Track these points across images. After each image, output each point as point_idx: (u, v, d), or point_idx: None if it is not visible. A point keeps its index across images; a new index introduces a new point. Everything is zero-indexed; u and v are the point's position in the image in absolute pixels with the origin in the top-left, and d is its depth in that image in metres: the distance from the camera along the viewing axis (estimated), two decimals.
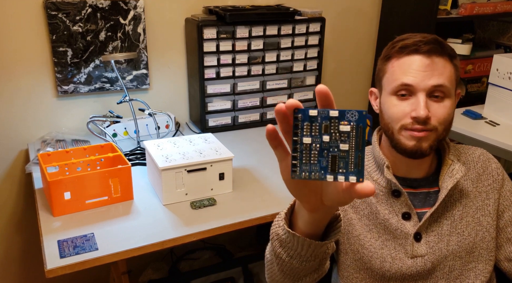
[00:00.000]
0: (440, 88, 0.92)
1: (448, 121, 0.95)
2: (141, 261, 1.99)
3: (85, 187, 1.27)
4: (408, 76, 0.92)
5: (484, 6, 2.17)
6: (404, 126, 0.93)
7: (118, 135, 1.79)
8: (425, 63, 0.92)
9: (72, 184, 1.24)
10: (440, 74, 0.92)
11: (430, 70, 0.92)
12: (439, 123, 0.93)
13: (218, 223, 1.25)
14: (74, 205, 1.26)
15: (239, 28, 1.83)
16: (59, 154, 1.41)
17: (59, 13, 1.66)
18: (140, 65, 1.86)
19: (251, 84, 1.95)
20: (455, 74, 0.96)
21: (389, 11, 2.28)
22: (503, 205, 1.01)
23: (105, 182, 1.29)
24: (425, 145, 0.93)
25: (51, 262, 1.07)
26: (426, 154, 0.94)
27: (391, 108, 0.95)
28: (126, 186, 1.34)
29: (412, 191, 1.00)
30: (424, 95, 0.91)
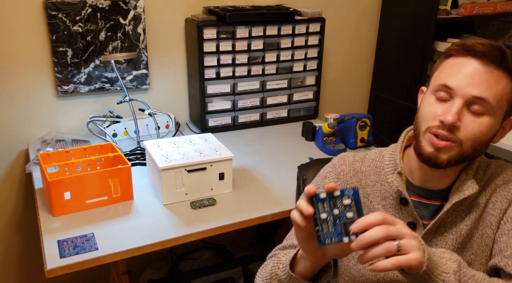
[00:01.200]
0: (481, 101, 0.83)
1: (479, 141, 0.85)
2: (141, 261, 1.99)
3: (85, 187, 1.26)
4: (452, 79, 0.85)
5: (484, 6, 2.17)
6: (430, 128, 0.86)
7: (118, 135, 1.79)
8: (476, 70, 0.83)
9: (72, 184, 1.24)
10: (488, 87, 0.82)
11: (478, 79, 0.83)
12: (466, 138, 0.84)
13: (218, 223, 1.25)
14: (74, 205, 1.26)
15: (239, 28, 1.83)
16: (59, 154, 1.41)
17: (59, 13, 1.66)
18: (140, 65, 1.86)
19: (251, 84, 1.95)
20: (510, 96, 0.85)
21: (389, 11, 2.28)
22: (505, 219, 0.90)
23: (105, 182, 1.29)
24: (444, 156, 0.86)
25: (51, 262, 1.07)
26: (442, 166, 0.87)
27: (426, 107, 0.89)
28: (126, 186, 1.33)
29: (424, 202, 0.95)
30: (462, 102, 0.83)
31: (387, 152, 1.01)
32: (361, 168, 1.02)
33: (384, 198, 0.97)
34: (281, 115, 2.07)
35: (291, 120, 2.09)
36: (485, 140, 0.87)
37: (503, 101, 0.84)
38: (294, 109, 2.08)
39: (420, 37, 2.10)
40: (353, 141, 1.74)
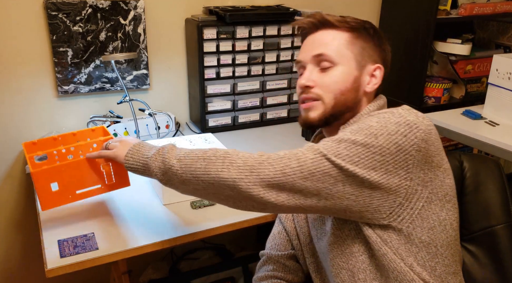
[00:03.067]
0: (321, 57, 0.96)
1: (337, 90, 0.95)
2: (142, 261, 2.00)
3: (74, 176, 1.14)
4: (300, 54, 1.01)
5: (483, 6, 2.17)
6: (299, 99, 1.00)
7: (118, 135, 1.80)
8: (310, 38, 1.00)
9: (58, 174, 1.11)
10: (322, 44, 0.97)
11: (312, 43, 0.99)
12: (323, 91, 0.96)
13: (218, 223, 1.25)
14: (63, 197, 1.14)
15: (239, 29, 1.83)
16: (46, 142, 1.29)
17: (60, 13, 1.66)
18: (140, 65, 1.86)
19: (251, 84, 1.95)
20: (353, 45, 0.97)
21: (389, 11, 2.28)
22: None
23: (96, 168, 1.15)
24: (313, 115, 0.97)
25: (51, 262, 1.07)
26: (315, 125, 0.97)
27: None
28: (120, 171, 1.20)
29: None
30: (312, 66, 0.98)
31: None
32: None
33: None
34: (281, 115, 2.07)
35: (291, 120, 2.09)
36: (345, 88, 0.96)
37: (343, 51, 0.96)
38: (294, 109, 2.09)
39: (419, 37, 2.10)
40: None
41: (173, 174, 0.92)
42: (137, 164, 1.00)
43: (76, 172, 1.14)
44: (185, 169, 0.90)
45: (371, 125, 0.85)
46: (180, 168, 0.90)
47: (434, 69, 2.34)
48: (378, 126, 0.84)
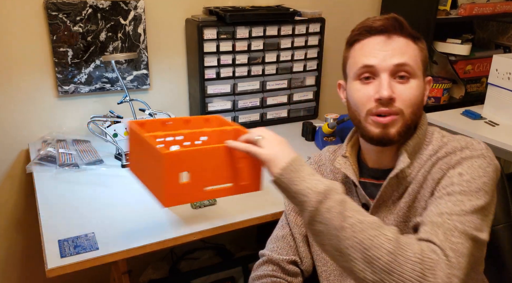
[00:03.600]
0: (403, 67, 0.87)
1: (416, 104, 0.89)
2: (142, 261, 2.00)
3: (208, 167, 0.90)
4: (368, 57, 0.89)
5: (483, 6, 2.17)
6: (370, 111, 0.89)
7: (118, 135, 1.80)
8: (385, 42, 0.89)
9: (191, 161, 0.87)
10: (402, 53, 0.88)
11: (391, 49, 0.88)
12: (405, 106, 0.88)
13: (218, 223, 1.25)
14: (190, 192, 0.89)
15: (239, 29, 1.83)
16: (154, 124, 1.04)
17: (60, 13, 1.66)
18: (140, 65, 1.86)
19: (251, 84, 1.95)
20: (421, 56, 0.91)
21: (389, 11, 2.27)
22: (440, 186, 0.87)
23: (231, 162, 0.92)
24: (393, 131, 0.88)
25: (52, 261, 1.07)
26: (395, 140, 0.89)
27: (355, 93, 0.91)
28: (255, 172, 0.95)
29: (375, 182, 0.97)
30: (387, 75, 0.87)
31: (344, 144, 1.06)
32: (330, 157, 1.09)
33: (345, 182, 1.02)
34: (281, 115, 2.07)
35: (291, 120, 2.09)
36: (419, 101, 0.91)
37: (418, 62, 0.90)
38: (294, 109, 2.09)
39: None
40: None
41: (336, 239, 0.76)
42: (289, 187, 0.82)
43: (211, 162, 0.90)
44: (358, 245, 0.75)
45: (483, 181, 0.83)
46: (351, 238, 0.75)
47: (434, 69, 2.34)
48: (487, 180, 0.84)
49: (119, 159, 1.62)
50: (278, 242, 1.11)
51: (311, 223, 0.79)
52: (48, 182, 1.45)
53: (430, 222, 0.79)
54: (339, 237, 0.75)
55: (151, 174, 0.90)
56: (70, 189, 1.41)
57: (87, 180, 1.48)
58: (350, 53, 0.95)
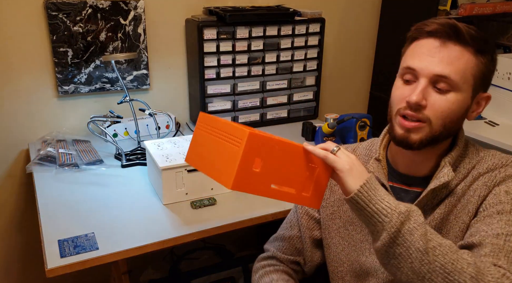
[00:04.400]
0: (443, 78, 0.84)
1: (449, 118, 0.86)
2: (142, 261, 1.99)
3: (280, 164, 0.84)
4: (414, 60, 0.87)
5: (483, 6, 2.17)
6: (399, 110, 0.89)
7: (118, 135, 1.80)
8: (436, 48, 0.85)
9: (269, 151, 0.82)
10: (449, 63, 0.84)
11: (439, 56, 0.84)
12: (435, 116, 0.85)
13: (218, 223, 1.25)
14: (258, 183, 0.82)
15: (239, 29, 1.83)
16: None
17: (60, 13, 1.66)
18: (140, 65, 1.86)
19: (251, 84, 1.95)
20: (475, 70, 0.85)
21: (389, 11, 2.28)
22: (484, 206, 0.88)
23: (304, 169, 0.86)
24: (415, 137, 0.87)
25: (52, 261, 1.07)
26: (414, 147, 0.88)
27: (395, 90, 0.91)
28: (321, 186, 0.89)
29: (405, 188, 0.97)
30: (426, 81, 0.85)
31: (376, 141, 1.04)
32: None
33: None
34: (281, 115, 2.07)
35: (291, 120, 2.09)
36: (456, 117, 0.88)
37: (467, 76, 0.85)
38: (294, 109, 2.09)
39: None
40: (353, 141, 1.75)
41: (418, 262, 0.74)
42: (368, 206, 0.78)
43: (286, 158, 0.85)
44: (440, 269, 0.74)
45: None
46: (433, 262, 0.74)
47: None
48: None
49: (119, 159, 1.62)
50: (284, 242, 1.11)
51: (389, 245, 0.75)
52: (48, 182, 1.45)
53: (490, 244, 0.80)
54: (422, 260, 0.74)
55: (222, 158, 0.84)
56: (70, 189, 1.41)
57: (87, 180, 1.48)
58: (405, 50, 0.93)
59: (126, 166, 1.58)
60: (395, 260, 0.76)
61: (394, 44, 2.27)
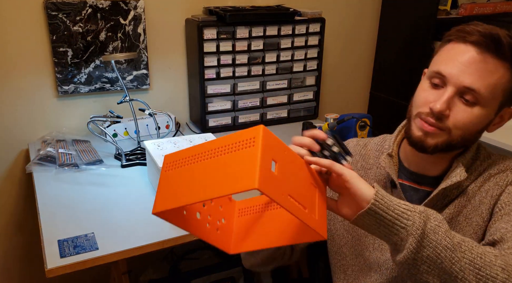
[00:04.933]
0: (471, 92, 0.82)
1: (469, 130, 0.85)
2: (142, 261, 1.99)
3: (293, 174, 0.74)
4: (447, 66, 0.84)
5: (484, 6, 2.17)
6: (420, 114, 0.87)
7: (118, 135, 1.80)
8: (472, 58, 0.81)
9: (281, 154, 0.73)
10: (481, 77, 0.81)
11: (472, 68, 0.81)
12: (455, 127, 0.84)
13: None
14: (277, 188, 0.68)
15: (239, 29, 1.83)
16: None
17: (59, 13, 1.66)
18: (140, 65, 1.86)
19: (251, 84, 1.95)
20: (508, 86, 0.83)
21: (389, 11, 2.28)
22: (500, 205, 0.88)
23: (311, 187, 0.77)
24: (431, 141, 0.86)
25: (52, 261, 1.07)
26: (428, 151, 0.87)
27: (420, 92, 0.89)
28: (323, 213, 0.77)
29: (415, 187, 0.96)
30: (453, 91, 0.83)
31: (389, 137, 1.03)
32: (361, 152, 1.05)
33: (378, 181, 0.99)
34: (281, 115, 2.07)
35: (291, 120, 2.09)
36: (476, 129, 0.87)
37: (497, 92, 0.83)
38: (294, 109, 2.09)
39: (420, 38, 2.10)
40: None
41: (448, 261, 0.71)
42: (387, 212, 0.72)
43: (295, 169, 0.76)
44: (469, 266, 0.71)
45: None
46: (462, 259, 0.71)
47: None
48: None
49: (118, 159, 1.62)
50: None
51: (418, 250, 0.71)
52: (47, 182, 1.45)
53: (511, 238, 0.79)
54: (452, 258, 0.71)
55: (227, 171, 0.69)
56: (70, 189, 1.41)
57: (86, 180, 1.48)
58: (440, 50, 0.90)
59: (126, 166, 1.58)
60: (424, 266, 0.71)
61: (394, 44, 2.27)
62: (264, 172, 0.65)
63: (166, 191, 0.76)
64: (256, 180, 0.63)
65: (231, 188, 0.66)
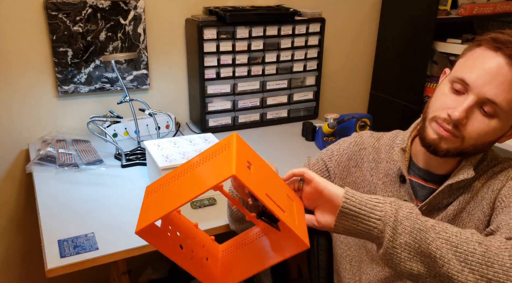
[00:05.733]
0: (492, 104, 0.81)
1: (481, 141, 0.85)
2: (141, 261, 1.99)
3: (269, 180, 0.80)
4: (472, 74, 0.82)
5: (483, 6, 2.17)
6: (436, 118, 0.87)
7: (118, 135, 1.80)
8: (499, 69, 0.80)
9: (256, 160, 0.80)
10: (505, 90, 0.80)
11: (498, 80, 0.80)
12: (469, 136, 0.84)
13: (218, 223, 1.25)
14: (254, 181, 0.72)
15: (239, 29, 1.83)
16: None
17: (60, 13, 1.66)
18: (140, 65, 1.86)
19: (251, 84, 1.95)
20: None
21: (389, 11, 2.28)
22: (500, 199, 0.88)
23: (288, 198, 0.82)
24: (444, 146, 0.86)
25: (52, 261, 1.07)
26: (440, 155, 0.88)
27: (440, 95, 0.88)
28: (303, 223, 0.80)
29: (422, 184, 0.97)
30: (474, 100, 0.82)
31: (402, 133, 1.04)
32: (374, 144, 1.05)
33: (387, 174, 1.00)
34: (281, 115, 2.07)
35: (291, 120, 2.09)
36: (489, 140, 0.87)
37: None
38: (294, 109, 2.09)
39: (420, 37, 2.10)
40: None
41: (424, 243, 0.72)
42: (361, 208, 0.75)
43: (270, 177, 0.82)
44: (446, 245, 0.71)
45: None
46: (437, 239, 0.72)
47: (434, 69, 2.34)
48: None
49: (118, 159, 1.62)
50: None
51: (395, 238, 0.73)
52: (47, 182, 1.45)
53: (506, 225, 0.79)
54: (427, 239, 0.71)
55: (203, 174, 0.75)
56: (70, 189, 1.41)
57: (86, 180, 1.48)
58: (468, 53, 0.87)
59: (126, 166, 1.58)
60: (405, 253, 0.73)
61: (394, 43, 2.27)
62: (240, 165, 0.70)
63: (146, 211, 0.79)
64: (233, 168, 0.67)
65: (209, 183, 0.70)
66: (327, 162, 1.08)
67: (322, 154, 1.11)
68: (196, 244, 0.87)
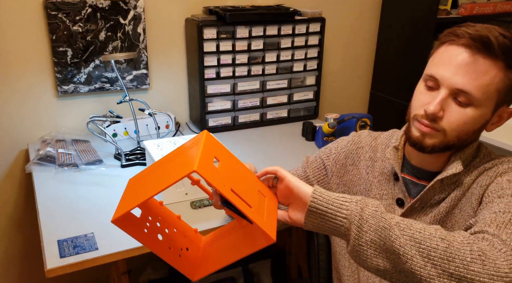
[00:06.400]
0: (463, 93, 0.83)
1: (464, 131, 0.87)
2: (141, 261, 1.99)
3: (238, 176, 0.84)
4: (439, 69, 0.86)
5: (484, 6, 2.17)
6: (416, 116, 0.90)
7: (118, 135, 1.79)
8: (463, 60, 0.83)
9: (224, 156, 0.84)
10: (473, 78, 0.82)
11: (464, 70, 0.83)
12: (450, 128, 0.86)
13: (218, 223, 1.25)
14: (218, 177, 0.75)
15: (239, 28, 1.83)
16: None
17: (59, 13, 1.66)
18: (140, 65, 1.86)
19: (251, 84, 1.95)
20: (501, 86, 0.84)
21: (389, 11, 2.28)
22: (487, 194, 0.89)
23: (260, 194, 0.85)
24: (428, 141, 0.89)
25: (51, 262, 1.07)
26: (426, 151, 0.90)
27: (416, 94, 0.92)
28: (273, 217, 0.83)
29: (415, 181, 0.99)
30: (446, 93, 0.85)
31: (398, 132, 1.06)
32: (371, 143, 1.08)
33: (382, 173, 1.02)
34: (281, 115, 2.07)
35: (291, 120, 2.09)
36: (471, 129, 0.88)
37: (490, 92, 0.84)
38: (294, 109, 2.08)
39: (420, 37, 2.10)
40: None
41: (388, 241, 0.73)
42: (328, 206, 0.78)
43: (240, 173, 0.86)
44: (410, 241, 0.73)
45: None
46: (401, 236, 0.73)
47: None
48: None
49: (118, 159, 1.62)
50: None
51: (360, 236, 0.75)
52: (47, 182, 1.45)
53: (482, 219, 0.80)
54: (390, 237, 0.73)
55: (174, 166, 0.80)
56: (70, 189, 1.41)
57: (86, 180, 1.48)
58: (435, 52, 0.92)
59: (126, 166, 1.58)
60: (371, 250, 0.75)
61: (394, 44, 2.27)
62: (204, 161, 0.75)
63: (124, 202, 0.83)
64: (195, 164, 0.72)
65: (174, 177, 0.74)
66: (325, 160, 1.11)
67: (320, 152, 1.13)
68: (177, 234, 0.91)
